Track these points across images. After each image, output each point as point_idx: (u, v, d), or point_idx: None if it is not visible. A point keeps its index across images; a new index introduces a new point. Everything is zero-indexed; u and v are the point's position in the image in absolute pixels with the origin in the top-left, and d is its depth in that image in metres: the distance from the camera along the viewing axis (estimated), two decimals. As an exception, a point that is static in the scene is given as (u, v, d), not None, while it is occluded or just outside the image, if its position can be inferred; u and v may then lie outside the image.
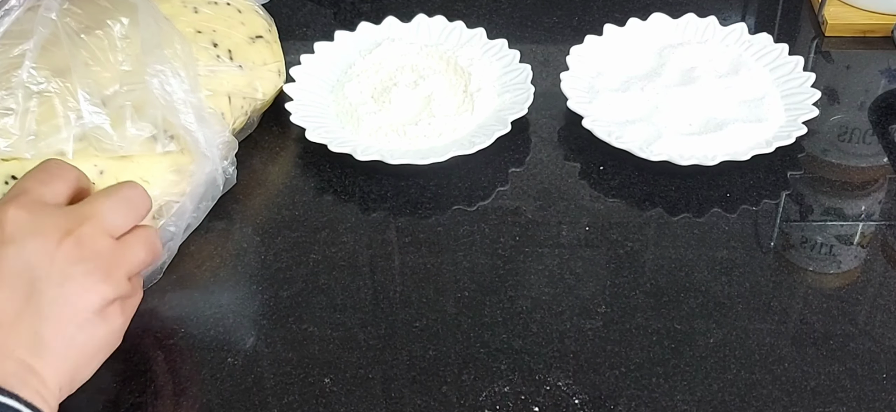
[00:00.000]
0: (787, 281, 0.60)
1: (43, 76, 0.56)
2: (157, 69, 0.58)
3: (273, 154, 0.70)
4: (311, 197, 0.66)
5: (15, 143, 0.55)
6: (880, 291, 0.59)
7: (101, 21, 0.58)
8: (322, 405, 0.53)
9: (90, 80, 0.56)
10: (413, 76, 0.73)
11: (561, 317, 0.57)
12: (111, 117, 0.56)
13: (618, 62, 0.75)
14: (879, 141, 0.71)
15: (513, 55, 0.74)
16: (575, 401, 0.52)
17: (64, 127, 0.55)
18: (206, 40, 0.66)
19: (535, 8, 0.85)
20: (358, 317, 0.58)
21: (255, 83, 0.68)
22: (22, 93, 0.55)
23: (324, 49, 0.76)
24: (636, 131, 0.68)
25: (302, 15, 0.85)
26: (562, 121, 0.72)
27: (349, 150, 0.66)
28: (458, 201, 0.65)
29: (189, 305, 0.59)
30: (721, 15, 0.78)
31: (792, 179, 0.67)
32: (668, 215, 0.64)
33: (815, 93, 0.70)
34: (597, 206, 0.65)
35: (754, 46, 0.75)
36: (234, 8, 0.70)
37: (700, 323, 0.57)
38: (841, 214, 0.65)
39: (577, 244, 0.62)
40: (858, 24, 0.80)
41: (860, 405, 0.52)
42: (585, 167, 0.68)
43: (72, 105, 0.56)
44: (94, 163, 0.57)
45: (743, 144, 0.66)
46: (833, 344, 0.55)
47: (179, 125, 0.58)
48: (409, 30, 0.78)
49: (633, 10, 0.79)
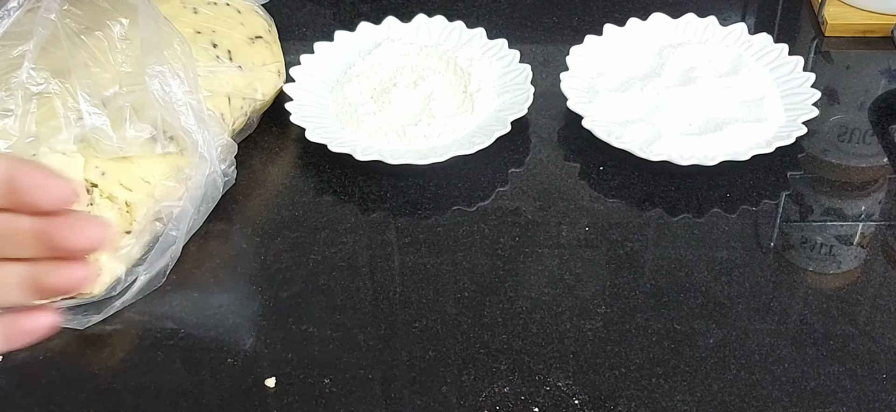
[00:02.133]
0: (787, 281, 0.60)
1: (42, 77, 0.55)
2: (157, 70, 0.58)
3: (273, 154, 0.70)
4: (310, 197, 0.66)
5: (15, 145, 0.55)
6: (880, 291, 0.59)
7: (101, 22, 0.58)
8: (322, 405, 0.53)
9: (90, 81, 0.56)
10: (413, 76, 0.73)
11: (561, 317, 0.57)
12: (111, 118, 0.56)
13: (618, 62, 0.75)
14: (879, 141, 0.71)
15: (513, 55, 0.74)
16: (575, 402, 0.52)
17: (64, 128, 0.55)
18: (206, 41, 0.66)
19: (535, 8, 0.85)
20: (358, 317, 0.58)
21: (255, 83, 0.68)
22: (21, 94, 0.55)
23: (324, 49, 0.76)
24: (636, 131, 0.68)
25: (302, 15, 0.85)
26: (562, 121, 0.72)
27: (349, 150, 0.66)
28: (458, 201, 0.65)
29: (189, 306, 0.59)
30: (721, 15, 0.78)
31: (792, 179, 0.67)
32: (668, 215, 0.64)
33: (814, 93, 0.70)
34: (597, 206, 0.65)
35: (754, 46, 0.75)
36: (234, 8, 0.70)
37: (700, 323, 0.57)
38: (841, 214, 0.65)
39: (577, 244, 0.62)
40: (858, 24, 0.80)
41: (860, 405, 0.52)
42: (585, 167, 0.68)
43: (71, 106, 0.56)
44: (95, 164, 0.57)
45: (743, 144, 0.66)
46: (833, 344, 0.55)
47: (179, 126, 0.58)
48: (408, 30, 0.78)
49: (633, 10, 0.79)
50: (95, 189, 0.57)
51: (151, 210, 0.58)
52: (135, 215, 0.58)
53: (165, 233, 0.58)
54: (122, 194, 0.57)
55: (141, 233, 0.58)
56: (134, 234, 0.58)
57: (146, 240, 0.59)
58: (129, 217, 0.58)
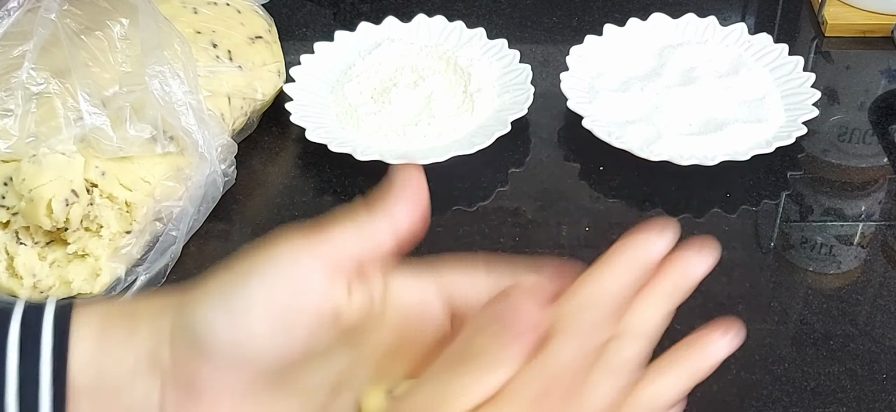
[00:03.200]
0: (787, 281, 0.60)
1: (42, 77, 0.55)
2: (157, 70, 0.58)
3: (273, 154, 0.70)
4: (310, 197, 0.66)
5: (14, 145, 0.55)
6: (880, 291, 0.59)
7: (101, 22, 0.58)
8: (322, 406, 0.53)
9: (90, 81, 0.56)
10: (413, 76, 0.73)
11: (561, 317, 0.57)
12: (111, 118, 0.56)
13: (618, 62, 0.75)
14: (879, 141, 0.71)
15: (513, 55, 0.74)
16: (575, 402, 0.52)
17: (63, 128, 0.55)
18: (206, 41, 0.66)
19: (535, 8, 0.85)
20: (358, 317, 0.58)
21: (255, 83, 0.68)
22: (21, 94, 0.55)
23: (324, 49, 0.76)
24: (636, 131, 0.68)
25: (302, 15, 0.85)
26: (562, 121, 0.72)
27: (349, 150, 0.66)
28: (458, 201, 0.65)
29: (189, 306, 0.58)
30: (721, 15, 0.78)
31: (792, 179, 0.67)
32: (668, 215, 0.64)
33: (814, 93, 0.70)
34: (597, 206, 0.65)
35: (754, 46, 0.75)
36: (234, 8, 0.70)
37: (700, 323, 0.57)
38: (841, 214, 0.65)
39: (577, 244, 0.62)
40: (858, 24, 0.80)
41: (860, 405, 0.52)
42: (585, 167, 0.68)
43: (71, 106, 0.56)
44: (95, 164, 0.56)
45: (743, 144, 0.66)
46: (833, 344, 0.55)
47: (179, 126, 0.58)
48: (408, 30, 0.78)
49: (633, 10, 0.79)
50: (95, 189, 0.57)
51: (151, 210, 0.58)
52: (135, 215, 0.58)
53: (165, 233, 0.58)
54: (122, 194, 0.57)
55: (141, 233, 0.58)
56: (134, 234, 0.58)
57: (146, 240, 0.59)
58: (129, 217, 0.58)
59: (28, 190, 0.54)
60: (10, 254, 0.56)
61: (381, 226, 0.33)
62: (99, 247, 0.57)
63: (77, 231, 0.56)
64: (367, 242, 0.32)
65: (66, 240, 0.56)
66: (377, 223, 0.32)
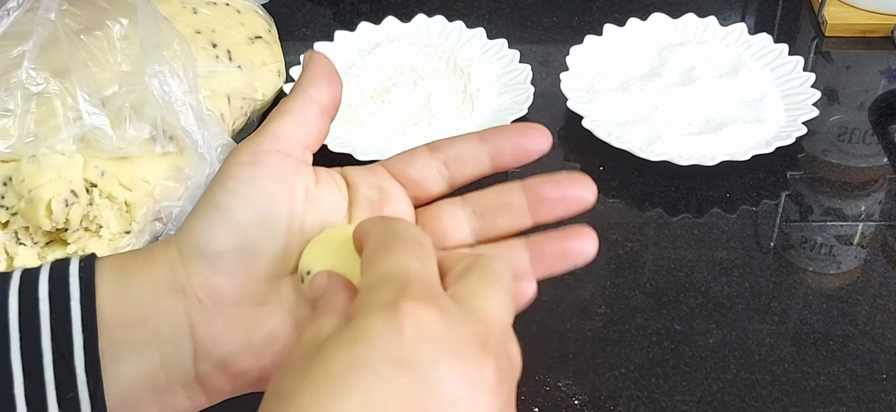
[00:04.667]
0: (787, 281, 0.60)
1: (42, 77, 0.55)
2: (157, 70, 0.58)
3: (273, 154, 0.70)
4: (310, 197, 0.66)
5: (14, 145, 0.55)
6: (880, 291, 0.59)
7: (101, 22, 0.58)
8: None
9: (89, 80, 0.56)
10: (413, 76, 0.73)
11: (561, 317, 0.57)
12: (110, 118, 0.56)
13: (618, 62, 0.75)
14: (879, 141, 0.71)
15: (512, 55, 0.74)
16: (575, 402, 0.52)
17: (63, 128, 0.55)
18: (206, 41, 0.66)
19: (535, 8, 0.85)
20: (357, 317, 0.57)
21: (255, 83, 0.68)
22: (21, 94, 0.55)
23: (323, 49, 0.76)
24: (636, 131, 0.68)
25: (302, 15, 0.85)
26: (562, 121, 0.72)
27: (349, 150, 0.66)
28: (458, 201, 0.65)
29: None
30: (721, 15, 0.78)
31: (792, 179, 0.67)
32: (668, 215, 0.64)
33: (814, 93, 0.70)
34: (597, 206, 0.65)
35: (754, 46, 0.75)
36: (234, 8, 0.70)
37: (700, 323, 0.57)
38: (841, 214, 0.65)
39: (576, 244, 0.62)
40: (858, 24, 0.80)
41: (860, 405, 0.52)
42: (585, 167, 0.68)
43: (71, 106, 0.56)
44: (95, 164, 0.56)
45: (743, 144, 0.66)
46: (833, 344, 0.55)
47: (178, 126, 0.58)
48: (408, 30, 0.78)
49: (633, 10, 0.79)
50: (95, 189, 0.56)
51: (151, 210, 0.58)
52: (134, 215, 0.58)
53: (165, 233, 0.58)
54: (121, 194, 0.57)
55: (141, 233, 0.58)
56: (134, 234, 0.58)
57: (146, 240, 0.59)
58: (128, 217, 0.58)
59: (28, 190, 0.54)
60: (10, 255, 0.56)
61: (310, 109, 0.36)
62: (99, 248, 0.57)
63: (77, 231, 0.56)
64: (306, 126, 0.36)
65: (65, 241, 0.56)
66: (307, 107, 0.36)
